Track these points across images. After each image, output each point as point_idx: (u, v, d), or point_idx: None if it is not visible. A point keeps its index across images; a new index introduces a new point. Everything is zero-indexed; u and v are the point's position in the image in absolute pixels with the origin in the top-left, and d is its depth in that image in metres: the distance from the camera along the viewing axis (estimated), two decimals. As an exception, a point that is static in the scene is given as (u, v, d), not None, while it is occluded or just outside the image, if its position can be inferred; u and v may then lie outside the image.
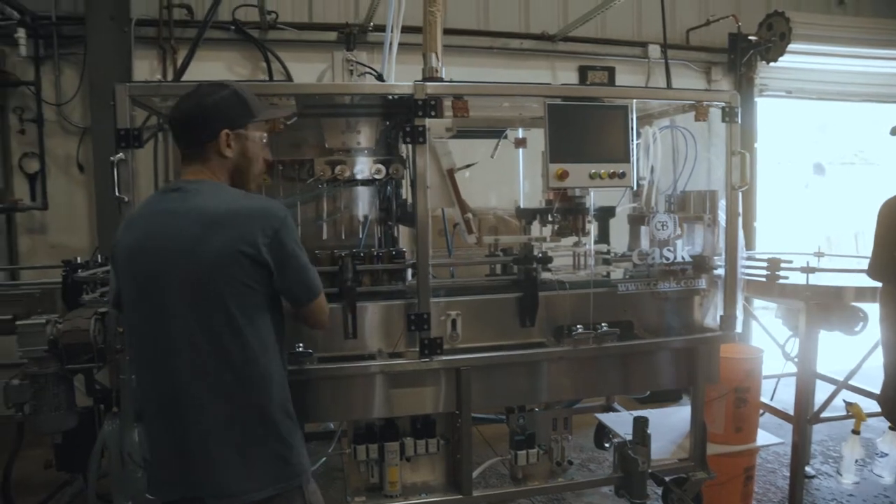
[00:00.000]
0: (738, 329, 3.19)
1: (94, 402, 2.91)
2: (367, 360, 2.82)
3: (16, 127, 4.95)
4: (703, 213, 3.27)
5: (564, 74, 5.73)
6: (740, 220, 3.16)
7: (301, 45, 5.31)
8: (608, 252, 3.36)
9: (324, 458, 3.50)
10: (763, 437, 3.82)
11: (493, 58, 5.62)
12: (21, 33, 4.67)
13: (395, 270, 3.02)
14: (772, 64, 6.03)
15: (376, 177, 3.07)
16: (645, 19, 5.91)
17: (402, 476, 2.98)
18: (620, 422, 3.63)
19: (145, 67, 5.00)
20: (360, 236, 3.19)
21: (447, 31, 5.46)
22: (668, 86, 3.94)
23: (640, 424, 3.06)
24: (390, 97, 3.00)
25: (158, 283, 1.85)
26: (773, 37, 5.90)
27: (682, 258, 3.09)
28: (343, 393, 2.82)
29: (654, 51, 5.76)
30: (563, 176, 2.87)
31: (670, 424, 3.56)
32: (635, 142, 3.15)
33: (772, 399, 4.21)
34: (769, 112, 6.60)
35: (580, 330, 2.94)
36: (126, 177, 2.53)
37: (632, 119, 2.93)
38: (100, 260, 3.66)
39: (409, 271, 2.96)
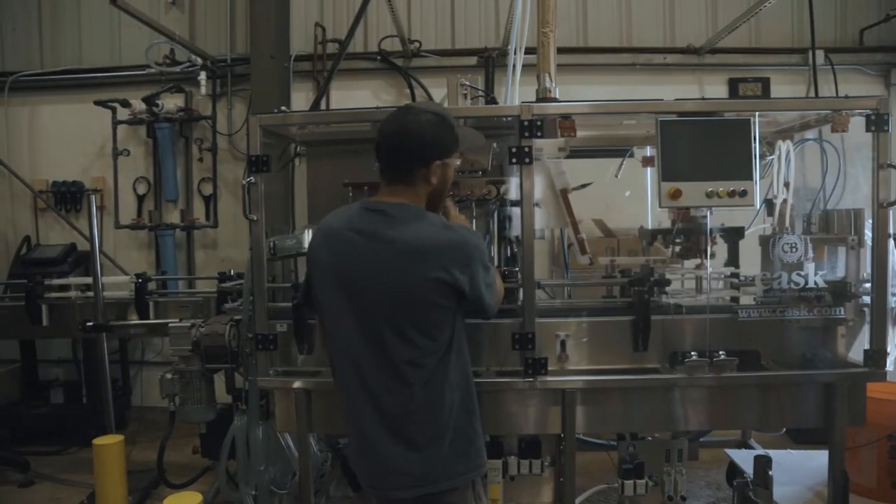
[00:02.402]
0: (890, 367, 2.82)
1: (233, 399, 3.25)
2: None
3: (196, 155, 5.71)
4: (846, 234, 2.94)
5: (713, 88, 5.41)
6: (891, 241, 2.80)
7: (443, 70, 5.54)
8: (736, 275, 3.14)
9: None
10: (933, 499, 3.31)
11: (634, 74, 5.47)
12: (203, 76, 5.41)
13: (507, 289, 3.06)
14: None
15: (487, 197, 3.14)
16: (807, 22, 5.41)
17: (506, 494, 2.99)
18: (751, 460, 3.33)
19: (302, 98, 5.53)
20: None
21: (586, 50, 5.51)
22: (817, 95, 3.60)
23: (762, 464, 2.81)
24: (504, 119, 3.07)
25: (359, 296, 2.00)
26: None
27: (815, 283, 2.80)
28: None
29: (818, 56, 5.24)
30: (675, 195, 2.73)
31: (811, 468, 3.22)
32: (768, 157, 2.95)
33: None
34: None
35: (694, 357, 2.78)
36: (256, 198, 2.84)
37: (754, 133, 2.73)
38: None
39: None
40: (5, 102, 5.82)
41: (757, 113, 2.75)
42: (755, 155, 2.73)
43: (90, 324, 3.89)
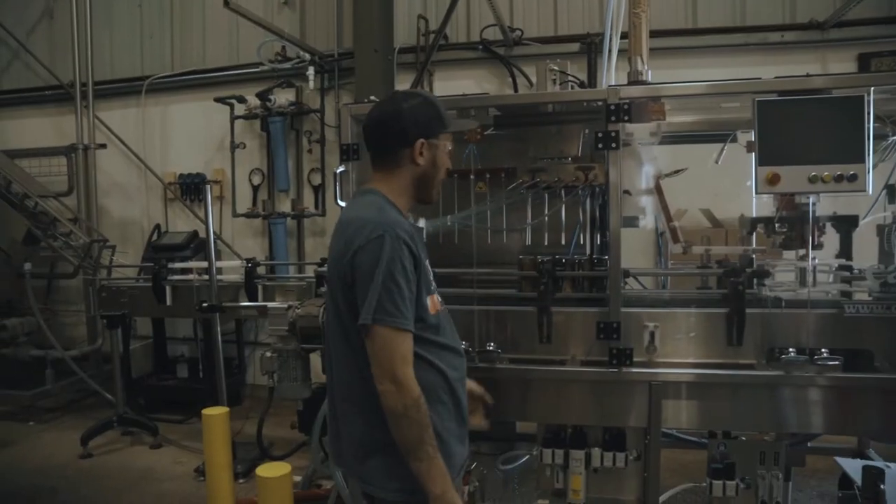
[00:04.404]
0: None
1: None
2: (554, 365, 2.85)
3: (306, 147, 6.01)
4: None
5: (838, 66, 4.97)
6: None
7: (545, 58, 5.44)
8: (847, 268, 2.89)
9: (526, 457, 3.60)
10: None
11: (748, 55, 5.14)
12: (311, 71, 5.68)
13: (597, 278, 3.00)
14: None
15: (574, 184, 3.09)
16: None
17: (588, 486, 2.94)
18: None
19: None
20: (570, 243, 3.23)
21: (694, 31, 5.24)
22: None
23: (871, 475, 2.58)
24: (596, 104, 2.99)
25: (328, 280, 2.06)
26: None
27: (939, 278, 2.53)
28: (528, 394, 2.89)
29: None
30: (773, 180, 2.55)
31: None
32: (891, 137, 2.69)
33: None
34: None
35: (793, 354, 2.59)
36: (347, 187, 2.95)
37: (868, 111, 2.49)
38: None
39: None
40: (142, 104, 6.41)
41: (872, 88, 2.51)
42: (868, 135, 2.50)
43: (205, 304, 4.22)
